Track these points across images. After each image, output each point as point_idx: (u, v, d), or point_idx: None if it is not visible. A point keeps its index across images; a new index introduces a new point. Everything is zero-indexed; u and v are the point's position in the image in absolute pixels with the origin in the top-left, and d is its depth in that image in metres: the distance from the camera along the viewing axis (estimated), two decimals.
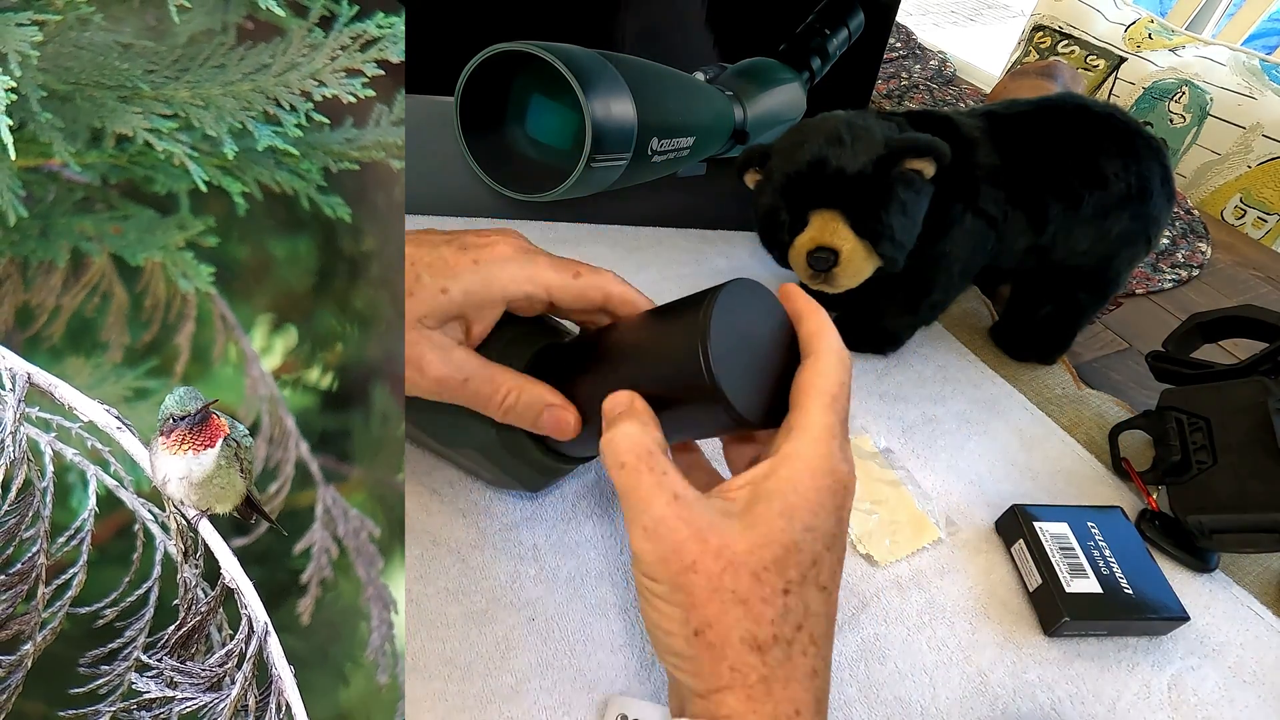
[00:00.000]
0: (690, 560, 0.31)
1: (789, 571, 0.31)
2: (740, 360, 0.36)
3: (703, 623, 0.31)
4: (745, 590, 0.31)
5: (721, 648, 0.31)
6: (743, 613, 0.31)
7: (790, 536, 0.32)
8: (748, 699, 0.30)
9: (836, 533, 0.33)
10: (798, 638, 0.31)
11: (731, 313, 0.36)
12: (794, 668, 0.31)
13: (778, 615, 0.31)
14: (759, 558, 0.31)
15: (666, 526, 0.32)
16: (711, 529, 0.32)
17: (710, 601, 0.31)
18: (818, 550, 0.32)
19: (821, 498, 0.33)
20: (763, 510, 0.32)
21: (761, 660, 0.31)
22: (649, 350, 0.39)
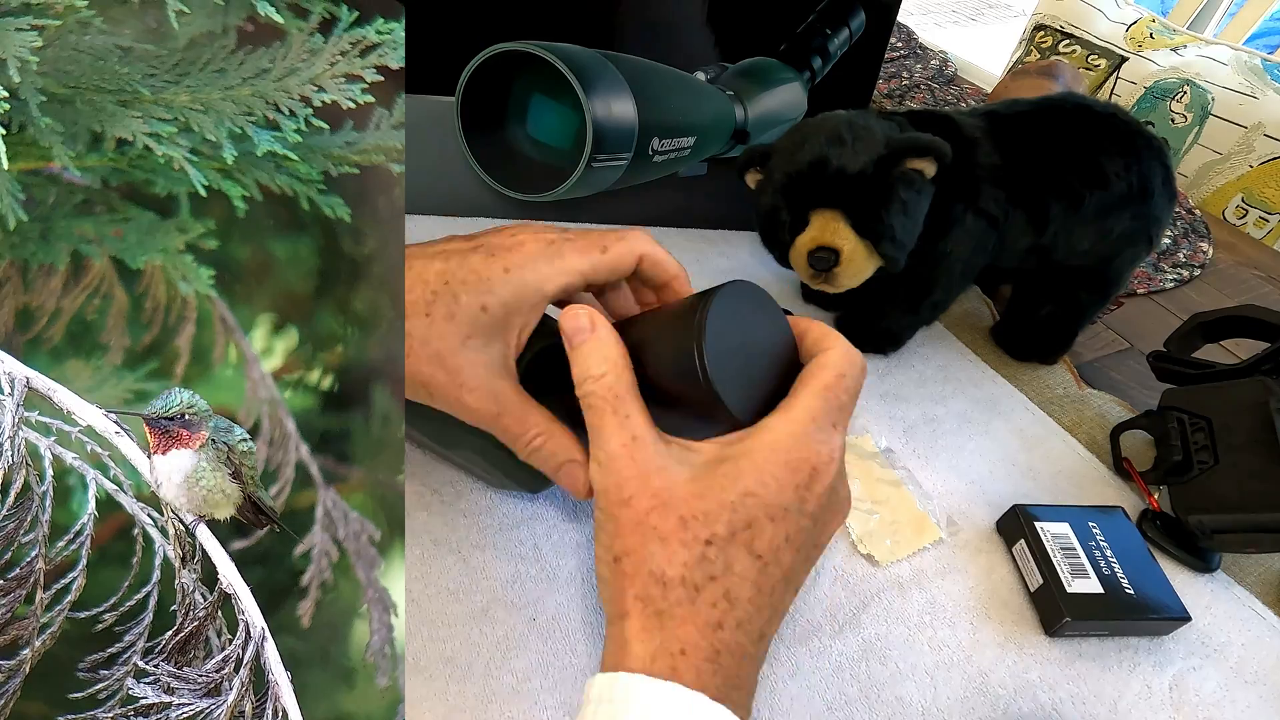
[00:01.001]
0: (628, 495, 0.34)
1: (716, 526, 0.33)
2: (737, 362, 0.36)
3: (623, 550, 0.33)
4: (667, 530, 0.33)
5: (633, 576, 0.33)
6: (659, 548, 0.33)
7: (728, 495, 0.33)
8: (641, 629, 0.32)
9: (786, 506, 0.34)
10: (709, 586, 0.32)
11: (728, 315, 0.36)
12: (694, 611, 0.32)
13: (691, 559, 0.32)
14: (691, 506, 0.33)
15: (617, 462, 0.34)
16: (658, 472, 0.34)
17: (633, 533, 0.33)
18: (756, 516, 0.33)
19: (776, 470, 0.34)
20: (715, 469, 0.34)
21: (662, 594, 0.32)
22: (646, 351, 0.38)
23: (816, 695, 0.46)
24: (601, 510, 0.35)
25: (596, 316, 0.37)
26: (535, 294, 0.39)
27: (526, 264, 0.39)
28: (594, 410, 0.36)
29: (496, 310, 0.38)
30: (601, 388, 0.35)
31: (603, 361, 0.36)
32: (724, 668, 0.32)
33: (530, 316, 0.40)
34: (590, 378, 0.36)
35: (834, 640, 0.49)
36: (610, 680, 0.32)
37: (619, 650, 0.33)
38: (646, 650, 0.32)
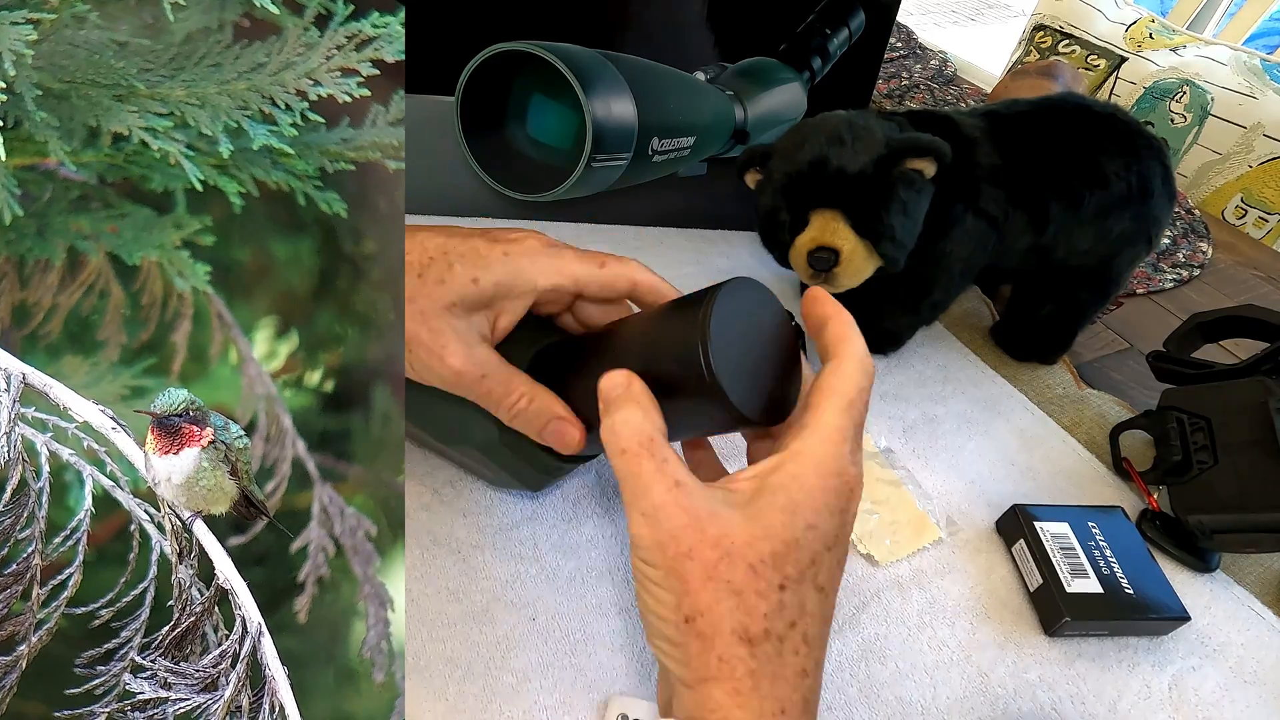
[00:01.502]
0: (687, 547, 0.31)
1: (787, 568, 0.31)
2: (740, 357, 0.36)
3: (694, 610, 0.31)
4: (740, 582, 0.30)
5: (712, 638, 0.30)
6: (736, 604, 0.30)
7: (791, 533, 0.31)
8: (734, 692, 0.30)
9: (839, 534, 0.33)
10: (790, 635, 0.31)
11: (731, 310, 0.36)
12: (784, 665, 0.31)
13: (771, 610, 0.31)
14: (757, 550, 0.31)
15: (665, 512, 0.31)
16: (711, 518, 0.31)
17: (704, 589, 0.30)
18: (817, 549, 0.32)
19: (827, 497, 0.32)
20: (765, 504, 0.32)
21: (751, 654, 0.30)
22: (650, 347, 0.38)
23: None
24: (655, 566, 0.32)
25: (632, 376, 0.35)
26: (527, 283, 0.40)
27: (525, 255, 0.40)
28: (628, 456, 0.33)
29: (486, 285, 0.39)
30: (631, 430, 0.33)
31: (635, 406, 0.34)
32: (810, 711, 0.32)
33: (515, 304, 0.40)
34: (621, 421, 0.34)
35: (834, 640, 0.49)
36: None
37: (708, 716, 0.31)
38: (746, 716, 0.30)
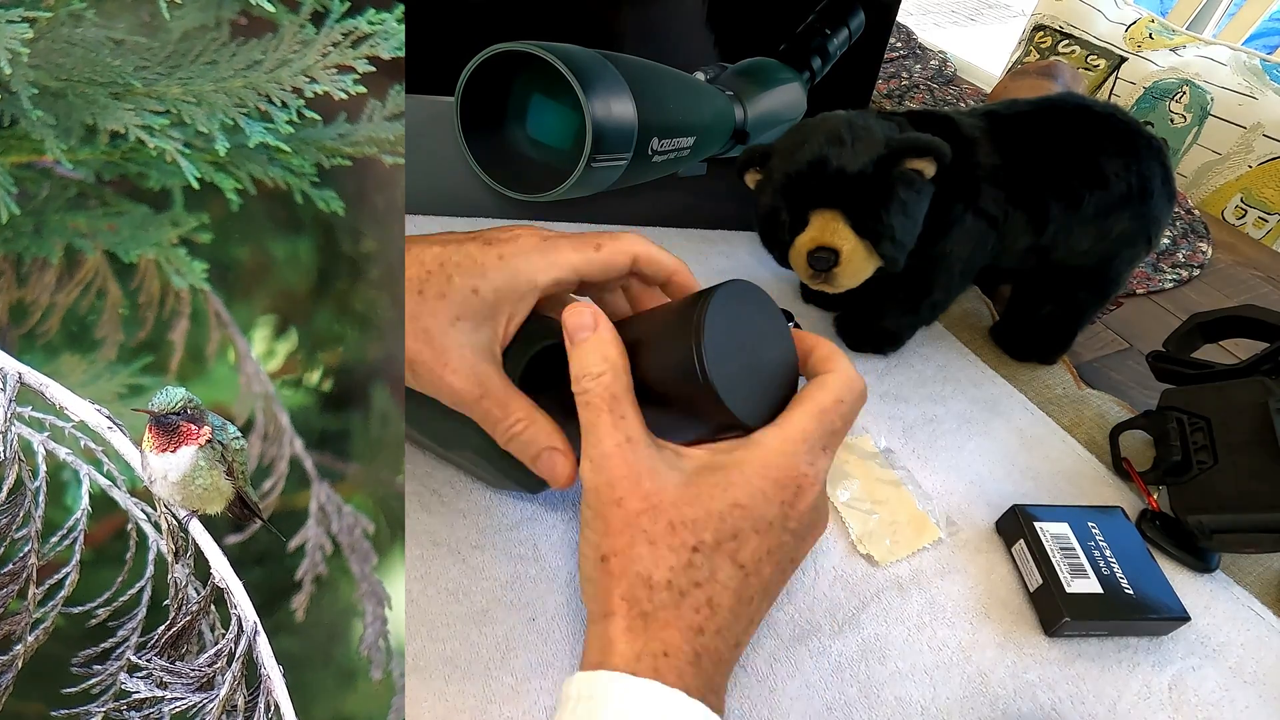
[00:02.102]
0: (619, 495, 0.34)
1: (704, 534, 0.33)
2: (735, 361, 0.36)
3: (611, 550, 0.34)
4: (657, 534, 0.33)
5: (619, 577, 0.33)
6: (647, 551, 0.33)
7: (717, 505, 0.34)
8: (626, 629, 0.33)
9: (771, 520, 0.35)
10: (693, 592, 0.33)
11: (727, 314, 0.36)
12: (678, 615, 0.33)
13: (679, 565, 0.33)
14: (681, 512, 0.34)
15: (610, 462, 0.34)
16: (649, 474, 0.34)
17: (622, 533, 0.34)
18: (741, 527, 0.34)
19: (763, 484, 0.34)
20: (705, 477, 0.35)
21: (649, 596, 0.33)
22: (644, 350, 0.38)
23: (816, 695, 0.46)
24: (591, 509, 0.35)
25: (600, 315, 0.37)
26: (527, 283, 0.39)
27: (521, 254, 0.40)
28: (590, 408, 0.36)
29: (487, 294, 0.39)
30: (599, 386, 0.36)
31: (602, 360, 0.36)
32: (703, 671, 0.33)
33: (520, 306, 0.40)
34: (588, 375, 0.36)
35: (833, 640, 0.49)
36: (591, 678, 0.33)
37: (602, 649, 0.33)
38: (630, 650, 0.32)
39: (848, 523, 0.55)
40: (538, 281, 0.40)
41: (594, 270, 0.41)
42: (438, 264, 0.38)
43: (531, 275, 0.40)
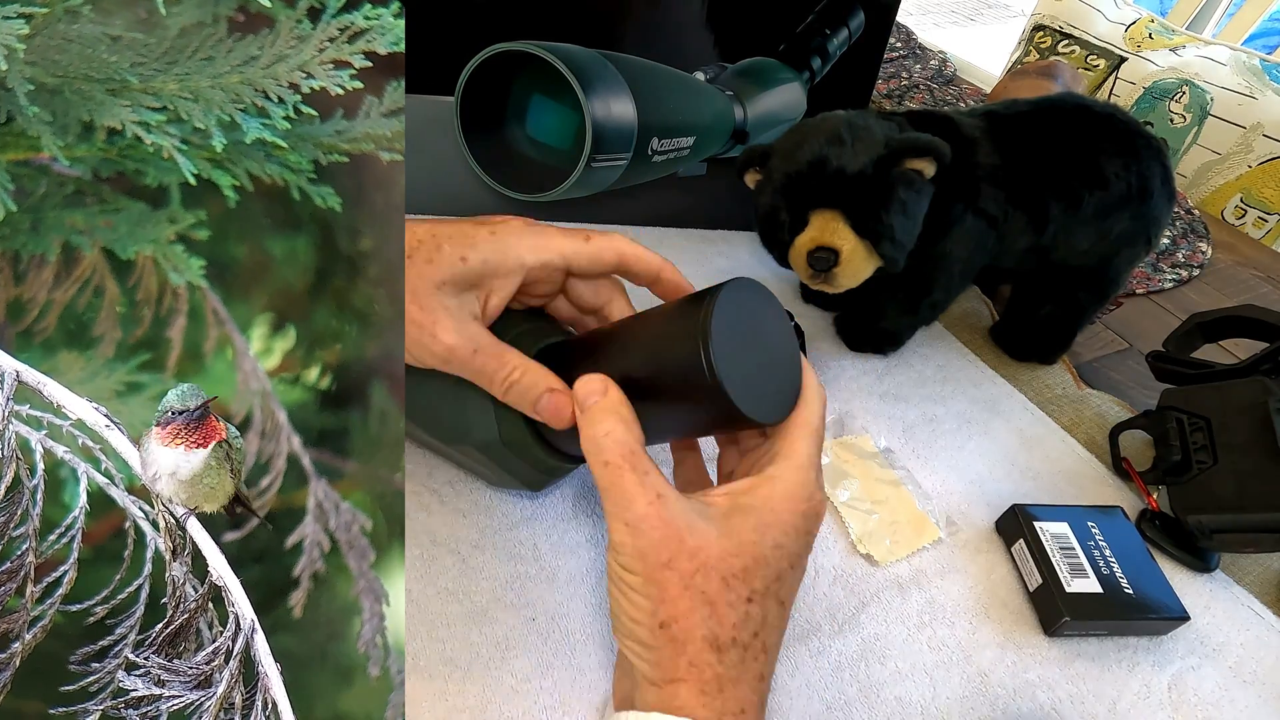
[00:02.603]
0: (667, 557, 0.33)
1: (755, 582, 0.34)
2: (742, 357, 0.36)
3: (670, 617, 0.33)
4: (714, 593, 0.33)
5: (684, 643, 0.33)
6: (709, 613, 0.33)
7: (761, 550, 0.34)
8: (700, 693, 0.32)
9: (801, 553, 0.36)
10: (753, 644, 0.33)
11: (733, 311, 0.36)
12: (746, 670, 0.33)
13: (739, 620, 0.33)
14: (729, 565, 0.33)
15: (649, 524, 0.33)
16: (690, 530, 0.34)
17: (681, 598, 0.33)
18: (783, 567, 0.35)
19: (795, 520, 0.35)
20: (739, 522, 0.35)
21: (719, 659, 0.33)
22: (651, 348, 0.39)
23: (816, 695, 0.46)
24: (636, 574, 0.34)
25: (609, 382, 0.37)
26: (515, 260, 0.40)
27: (512, 234, 0.40)
28: (610, 468, 0.35)
29: (475, 263, 0.39)
30: (613, 443, 0.35)
31: (618, 420, 0.36)
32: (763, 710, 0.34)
33: (505, 283, 0.41)
34: (600, 433, 0.35)
35: (833, 640, 0.49)
36: None
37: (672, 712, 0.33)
38: (710, 714, 0.32)
39: (848, 523, 0.55)
40: (525, 260, 0.40)
41: (581, 260, 0.42)
42: (429, 234, 0.39)
43: (520, 253, 0.40)
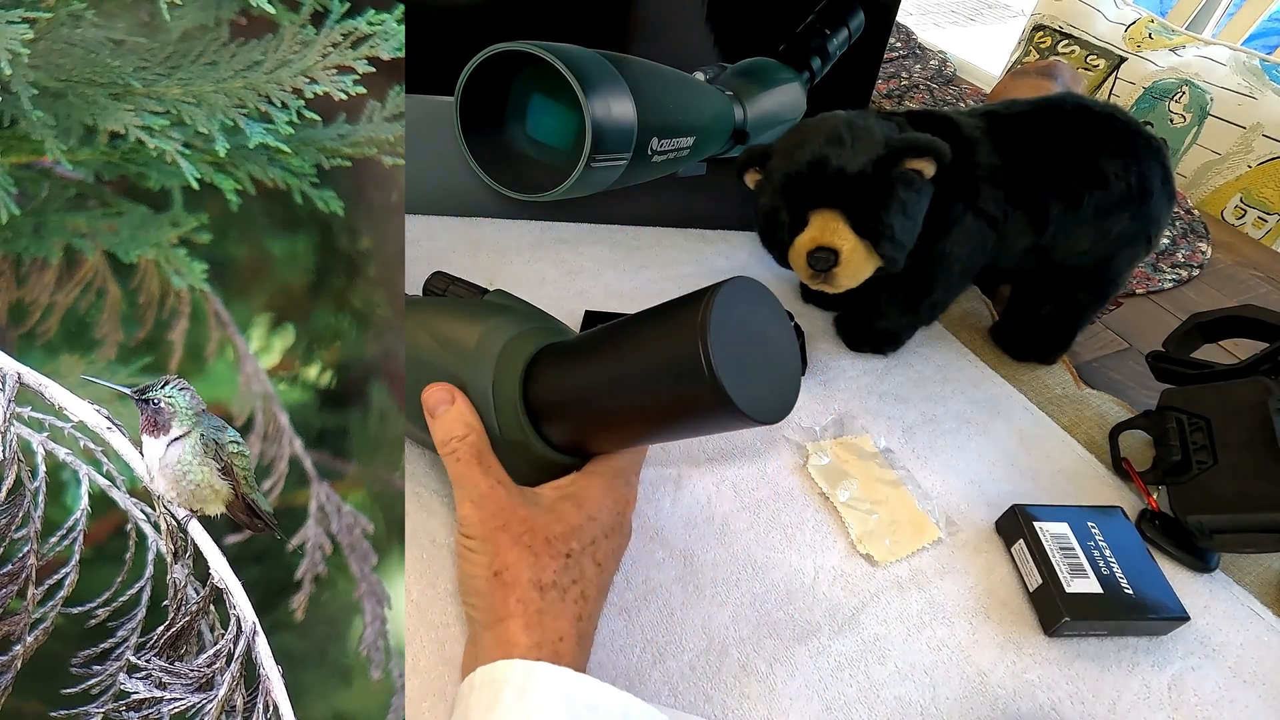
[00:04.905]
0: (502, 521, 0.40)
1: (572, 543, 0.41)
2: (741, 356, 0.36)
3: (503, 565, 0.39)
4: (539, 547, 0.40)
5: (512, 585, 0.39)
6: (533, 560, 0.40)
7: (577, 520, 0.42)
8: (525, 626, 0.38)
9: (614, 526, 0.43)
10: (571, 589, 0.40)
11: (732, 309, 0.36)
12: (565, 608, 0.40)
13: (559, 569, 0.40)
14: (552, 529, 0.41)
15: (490, 499, 0.41)
16: (520, 504, 0.42)
17: (511, 550, 0.40)
18: (596, 534, 0.42)
19: (606, 501, 0.43)
20: (562, 503, 0.43)
21: (541, 596, 0.39)
22: (649, 348, 0.39)
23: (816, 695, 0.46)
24: (475, 538, 0.40)
25: (455, 390, 0.44)
26: None
27: None
28: (461, 463, 0.42)
29: None
30: (465, 446, 0.42)
31: (465, 425, 0.43)
32: (584, 649, 0.41)
33: None
34: (455, 437, 0.42)
35: (833, 640, 0.49)
36: (493, 666, 0.37)
37: (502, 648, 0.38)
38: (530, 641, 0.38)
39: (848, 523, 0.55)
40: None
41: None
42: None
43: None
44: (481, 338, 0.45)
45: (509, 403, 0.43)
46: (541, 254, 0.77)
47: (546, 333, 0.46)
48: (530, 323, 0.47)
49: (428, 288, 0.59)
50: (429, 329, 0.46)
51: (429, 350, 0.46)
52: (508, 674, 0.37)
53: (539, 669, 0.36)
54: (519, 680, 0.36)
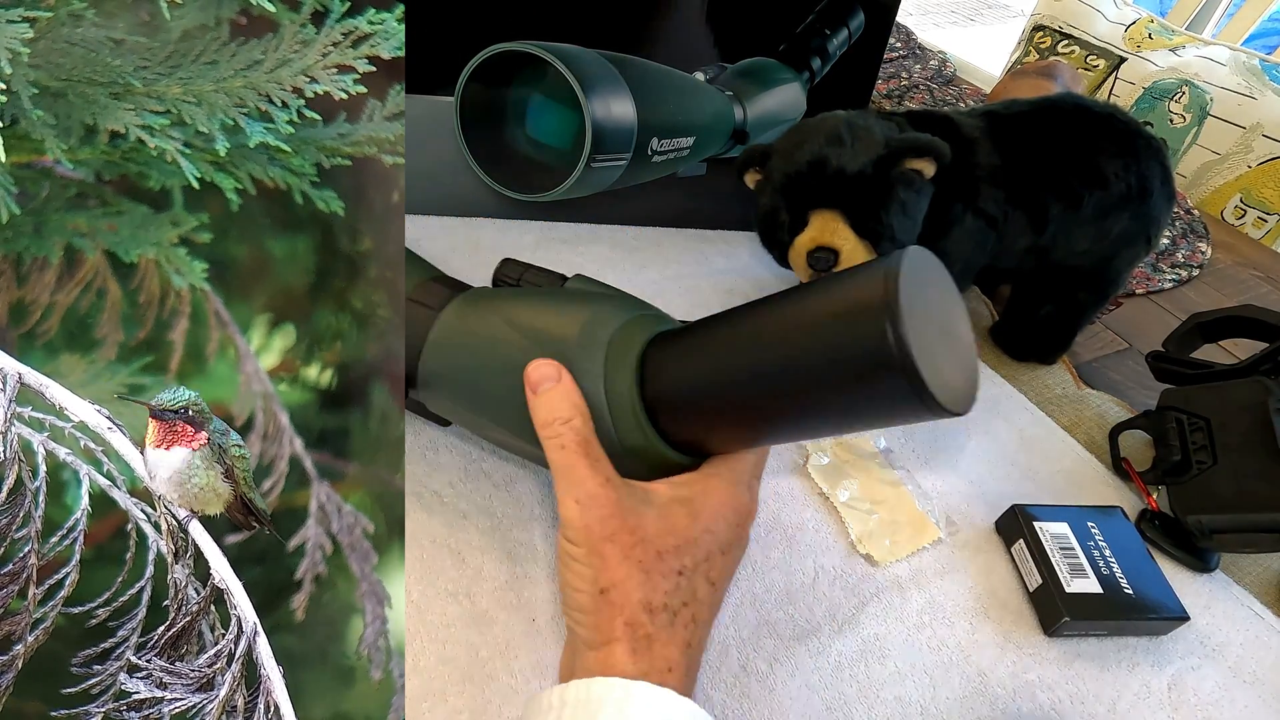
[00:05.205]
0: (610, 532, 0.36)
1: (685, 559, 0.37)
2: (928, 340, 0.31)
3: (609, 583, 0.36)
4: (649, 563, 0.36)
5: (621, 606, 0.36)
6: (644, 579, 0.36)
7: (693, 533, 0.38)
8: (632, 651, 0.35)
9: (732, 541, 0.39)
10: (682, 611, 0.37)
11: (913, 286, 0.31)
12: (674, 634, 0.36)
13: (671, 588, 0.37)
14: (664, 541, 0.37)
15: (596, 501, 0.37)
16: (631, 511, 0.37)
17: (620, 567, 0.36)
18: (712, 549, 0.38)
19: (724, 511, 0.39)
20: (675, 509, 0.38)
21: (650, 620, 0.36)
22: (813, 333, 0.33)
23: (816, 695, 0.46)
24: (581, 545, 0.37)
25: (561, 368, 0.39)
26: None
27: None
28: (566, 451, 0.38)
29: None
30: (570, 430, 0.38)
31: (571, 407, 0.38)
32: (691, 677, 0.38)
33: None
34: (559, 419, 0.38)
35: (833, 640, 0.49)
36: (605, 684, 0.34)
37: (604, 671, 0.35)
38: (639, 670, 0.35)
39: (848, 523, 0.55)
40: None
41: None
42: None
43: None
44: (584, 330, 0.40)
45: (626, 403, 0.39)
46: (541, 254, 0.77)
47: (651, 320, 0.41)
48: (630, 310, 0.42)
49: (499, 277, 0.51)
50: (514, 323, 0.41)
51: (518, 347, 0.40)
52: (607, 692, 0.34)
53: (638, 689, 0.34)
54: (618, 699, 0.34)
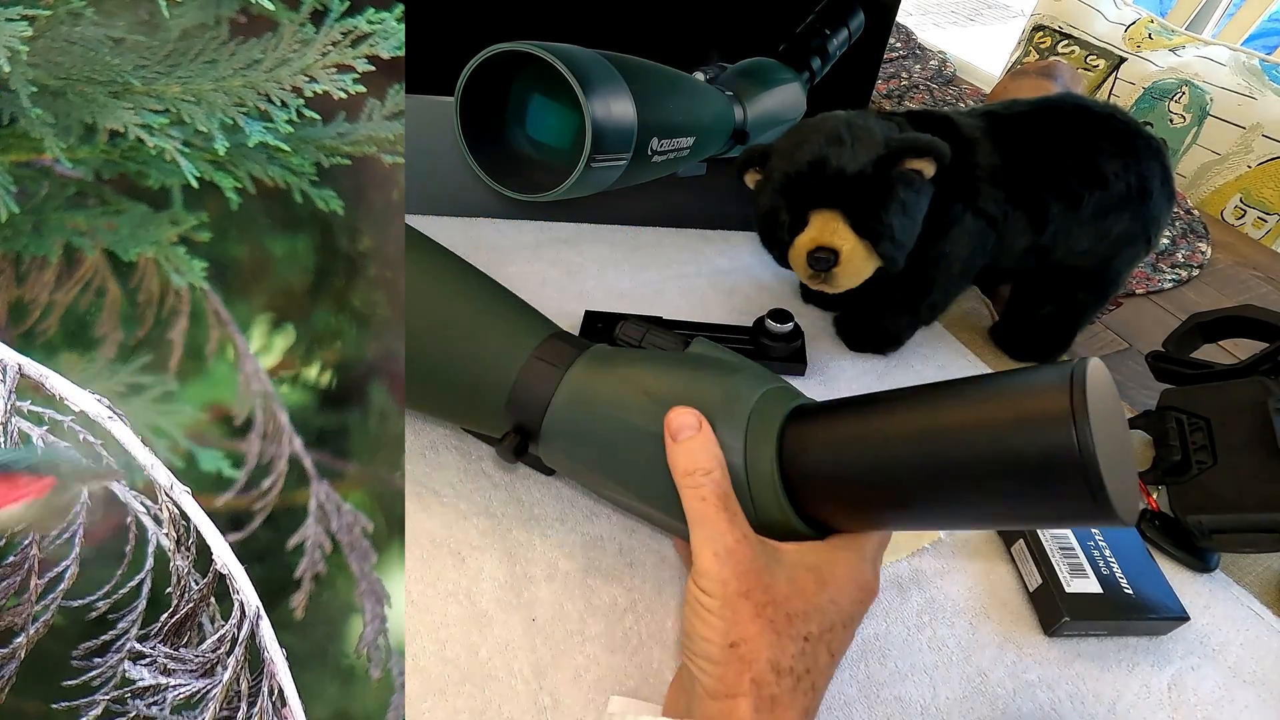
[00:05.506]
0: (746, 588, 0.37)
1: (811, 625, 0.37)
2: (1107, 450, 0.31)
3: (740, 638, 0.36)
4: (780, 624, 0.37)
5: (750, 662, 0.36)
6: (774, 639, 0.36)
7: (819, 601, 0.38)
8: (755, 710, 0.35)
9: (853, 615, 0.39)
10: (805, 677, 0.37)
11: (1094, 395, 0.31)
12: (796, 699, 0.36)
13: (797, 653, 0.37)
14: (794, 605, 0.37)
15: (735, 557, 0.37)
16: (765, 569, 0.38)
17: (752, 624, 0.36)
18: (835, 621, 0.38)
19: (849, 586, 0.39)
20: (803, 574, 0.38)
21: (777, 681, 0.36)
22: (987, 429, 0.33)
23: None
24: (715, 597, 0.37)
25: (701, 417, 0.40)
26: None
27: None
28: (706, 503, 0.38)
29: None
30: (711, 482, 0.39)
31: (711, 459, 0.39)
32: None
33: None
34: (700, 470, 0.39)
35: None
36: None
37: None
38: None
39: None
40: None
41: None
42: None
43: None
44: (724, 404, 0.40)
45: (767, 481, 0.39)
46: (541, 254, 0.77)
47: (785, 393, 0.41)
48: (764, 382, 0.42)
49: (621, 338, 0.48)
50: (649, 391, 0.41)
51: (652, 415, 0.40)
52: None
53: None
54: None
